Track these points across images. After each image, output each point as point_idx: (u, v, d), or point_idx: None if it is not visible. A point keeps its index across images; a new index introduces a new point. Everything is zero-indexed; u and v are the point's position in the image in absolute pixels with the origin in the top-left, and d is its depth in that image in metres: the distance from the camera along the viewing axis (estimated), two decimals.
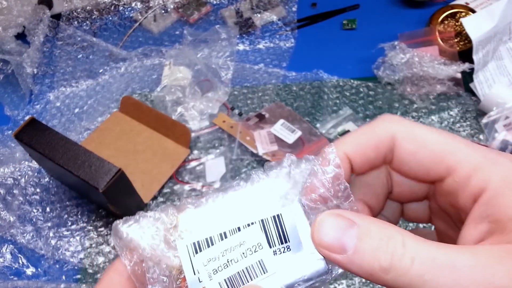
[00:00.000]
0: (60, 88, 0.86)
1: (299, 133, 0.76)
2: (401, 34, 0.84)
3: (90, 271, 0.67)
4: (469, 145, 0.25)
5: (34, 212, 0.72)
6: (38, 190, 0.74)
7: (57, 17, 0.90)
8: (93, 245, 0.69)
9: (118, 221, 0.27)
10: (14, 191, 0.73)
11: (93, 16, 0.93)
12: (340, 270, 0.27)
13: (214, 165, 0.75)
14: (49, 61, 0.88)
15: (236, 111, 0.81)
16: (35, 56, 0.84)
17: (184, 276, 0.26)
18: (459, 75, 0.80)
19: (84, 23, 0.93)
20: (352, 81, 0.84)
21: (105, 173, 0.58)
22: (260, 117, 0.79)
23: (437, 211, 0.31)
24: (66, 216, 0.72)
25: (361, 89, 0.83)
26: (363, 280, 0.66)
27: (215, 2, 0.96)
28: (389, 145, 0.27)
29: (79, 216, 0.72)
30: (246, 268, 0.26)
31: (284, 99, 0.82)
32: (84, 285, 0.65)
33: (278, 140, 0.75)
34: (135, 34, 0.93)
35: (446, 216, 0.30)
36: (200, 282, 0.26)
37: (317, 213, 0.26)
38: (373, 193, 0.30)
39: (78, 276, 0.67)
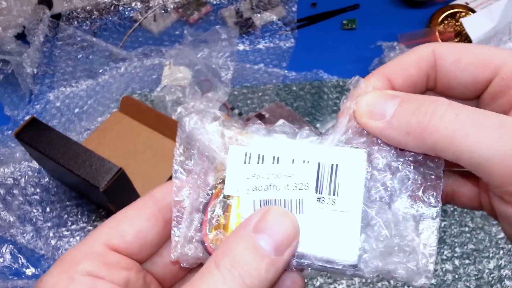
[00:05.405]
0: (60, 88, 0.85)
1: None
2: (401, 35, 0.84)
3: None
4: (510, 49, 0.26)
5: (34, 212, 0.72)
6: (38, 190, 0.74)
7: (57, 17, 0.90)
8: None
9: (183, 112, 0.27)
10: (14, 191, 0.73)
11: (93, 16, 0.93)
12: (362, 272, 0.25)
13: None
14: (49, 61, 0.88)
15: (236, 111, 0.81)
16: (35, 56, 0.84)
17: (222, 181, 0.26)
18: None
19: (84, 23, 0.93)
20: None
21: (105, 172, 0.58)
22: (260, 117, 0.79)
23: None
24: (66, 216, 0.72)
25: None
26: (363, 280, 0.66)
27: (215, 2, 0.96)
28: (430, 60, 0.26)
29: (79, 216, 0.72)
30: (284, 200, 0.25)
31: (284, 99, 0.82)
32: None
33: None
34: (135, 34, 0.93)
35: None
36: (236, 191, 0.25)
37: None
38: None
39: None
